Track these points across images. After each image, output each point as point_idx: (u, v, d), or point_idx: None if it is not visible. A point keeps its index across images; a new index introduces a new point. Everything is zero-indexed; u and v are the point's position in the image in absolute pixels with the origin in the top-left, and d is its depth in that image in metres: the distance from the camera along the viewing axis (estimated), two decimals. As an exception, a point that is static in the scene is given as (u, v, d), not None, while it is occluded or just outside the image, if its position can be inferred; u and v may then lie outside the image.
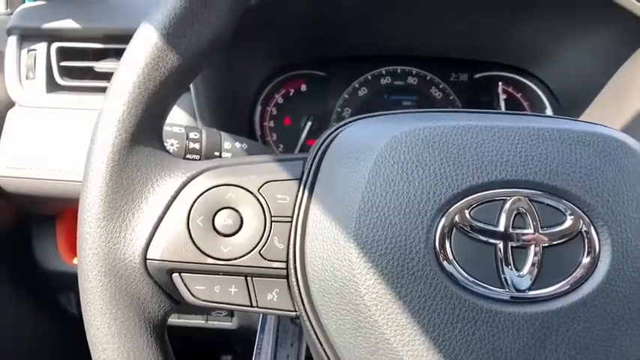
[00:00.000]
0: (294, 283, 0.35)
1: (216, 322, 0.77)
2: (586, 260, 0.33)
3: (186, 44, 0.36)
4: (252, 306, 0.36)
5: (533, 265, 0.32)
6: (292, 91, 0.82)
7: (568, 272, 0.33)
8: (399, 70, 0.83)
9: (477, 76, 0.82)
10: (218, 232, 0.36)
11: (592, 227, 0.33)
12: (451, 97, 0.83)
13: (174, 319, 0.76)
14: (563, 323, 0.32)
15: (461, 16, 0.68)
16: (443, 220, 0.33)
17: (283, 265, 0.36)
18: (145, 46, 0.36)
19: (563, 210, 0.33)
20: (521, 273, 0.32)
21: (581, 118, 0.72)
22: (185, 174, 0.37)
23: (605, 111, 0.67)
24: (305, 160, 0.38)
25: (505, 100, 0.81)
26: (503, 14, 0.66)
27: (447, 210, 0.33)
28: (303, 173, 0.37)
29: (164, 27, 0.36)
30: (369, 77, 0.83)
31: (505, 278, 0.32)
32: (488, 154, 0.33)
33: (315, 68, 0.82)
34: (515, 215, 0.33)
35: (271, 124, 0.83)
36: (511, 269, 0.32)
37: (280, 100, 0.82)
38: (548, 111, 0.79)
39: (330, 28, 0.71)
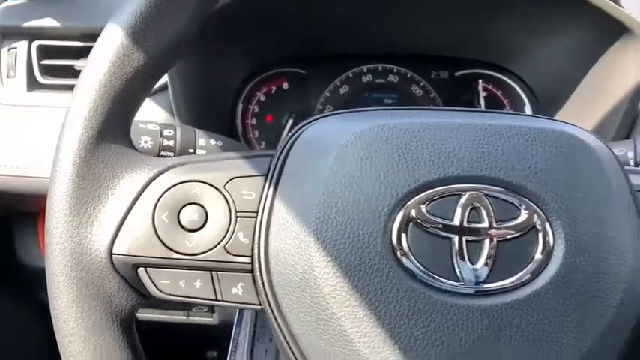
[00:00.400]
0: (259, 278, 0.36)
1: (197, 318, 0.78)
2: (540, 254, 0.33)
3: (152, 42, 0.37)
4: (216, 299, 0.37)
5: (487, 258, 0.33)
6: (274, 88, 0.83)
7: (522, 265, 0.33)
8: (380, 68, 0.83)
9: (458, 73, 0.83)
10: (183, 228, 0.37)
11: (546, 221, 0.33)
12: (432, 95, 0.83)
13: (155, 315, 0.77)
14: (517, 315, 0.33)
15: (440, 14, 0.69)
16: (400, 215, 0.33)
17: (248, 259, 0.37)
18: (111, 44, 0.37)
19: (517, 205, 0.34)
20: (475, 266, 0.33)
21: (558, 115, 0.73)
22: (152, 170, 0.37)
23: (580, 108, 0.68)
24: (272, 157, 0.38)
25: (485, 97, 0.82)
26: (480, 12, 0.67)
27: (404, 205, 0.33)
28: (269, 169, 0.38)
29: (129, 26, 0.36)
30: (351, 75, 0.83)
31: (460, 271, 0.33)
32: (444, 150, 0.34)
33: (296, 66, 0.82)
34: (471, 210, 0.33)
35: (253, 121, 0.83)
36: (466, 263, 0.33)
37: (262, 98, 0.83)
38: (527, 108, 0.80)
39: (310, 27, 0.72)
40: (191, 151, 0.52)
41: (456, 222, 0.33)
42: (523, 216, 0.33)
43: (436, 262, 0.33)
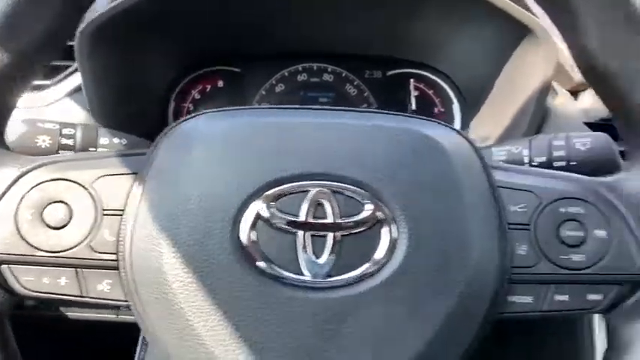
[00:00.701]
0: (123, 275, 0.37)
1: (127, 317, 0.78)
2: (384, 248, 0.35)
3: (18, 42, 0.37)
4: (82, 296, 0.38)
5: (331, 252, 0.34)
6: (209, 87, 0.84)
7: (366, 259, 0.35)
8: (315, 67, 0.84)
9: (390, 73, 0.84)
10: (47, 226, 0.37)
11: (390, 216, 0.35)
12: (365, 94, 0.84)
13: (84, 314, 0.77)
14: (360, 307, 0.34)
15: (355, 12, 0.70)
16: (248, 212, 0.34)
17: (114, 257, 0.37)
18: None
19: (362, 200, 0.35)
20: (319, 260, 0.34)
21: (480, 113, 0.75)
22: (19, 169, 0.38)
23: (497, 106, 0.70)
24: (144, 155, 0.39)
25: (418, 97, 0.83)
26: (395, 10, 0.68)
27: (252, 202, 0.34)
28: (140, 168, 0.38)
29: None
30: (286, 74, 0.84)
31: (304, 265, 0.34)
32: (295, 148, 0.35)
33: (230, 64, 0.83)
34: (317, 206, 0.35)
35: (188, 120, 0.84)
36: (310, 257, 0.34)
37: (197, 96, 0.83)
38: (456, 107, 0.81)
39: (228, 26, 0.73)
40: (92, 149, 0.53)
41: (302, 218, 0.34)
42: (367, 211, 0.35)
43: (282, 257, 0.34)
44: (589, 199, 0.38)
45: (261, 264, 0.34)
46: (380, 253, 0.35)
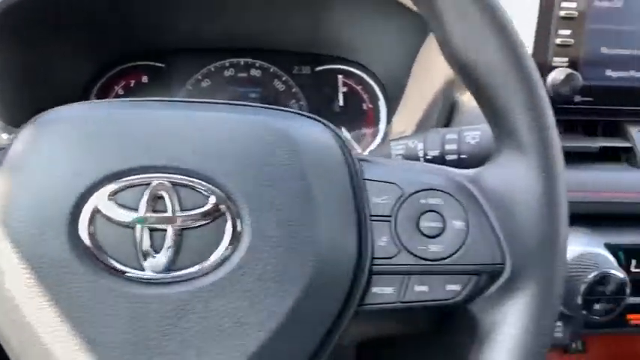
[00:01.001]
0: None
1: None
2: (227, 241, 0.34)
3: None
4: None
5: (170, 247, 0.33)
6: (133, 82, 0.82)
7: (208, 253, 0.34)
8: (242, 63, 0.83)
9: (318, 69, 0.83)
10: None
11: (234, 209, 0.34)
12: (294, 90, 0.84)
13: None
14: (200, 303, 0.33)
15: (268, 7, 0.69)
16: (86, 207, 0.33)
17: None
18: None
19: (205, 193, 0.34)
20: (159, 255, 0.33)
21: (400, 107, 0.75)
22: None
23: (412, 99, 0.69)
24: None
25: (347, 93, 0.83)
26: (306, 6, 0.67)
27: (91, 196, 0.33)
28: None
29: None
30: (212, 69, 0.83)
31: (143, 260, 0.33)
32: (135, 141, 0.34)
33: (153, 59, 0.82)
34: (157, 199, 0.34)
35: (112, 115, 0.82)
36: (149, 252, 0.33)
37: (121, 92, 0.82)
38: (381, 102, 0.81)
39: (142, 21, 0.72)
40: None
41: (141, 211, 0.33)
42: (210, 204, 0.34)
43: (121, 253, 0.33)
44: (449, 190, 0.37)
45: (99, 259, 0.33)
46: (222, 246, 0.34)
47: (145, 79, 0.82)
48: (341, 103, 0.83)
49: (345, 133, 0.82)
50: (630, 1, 0.60)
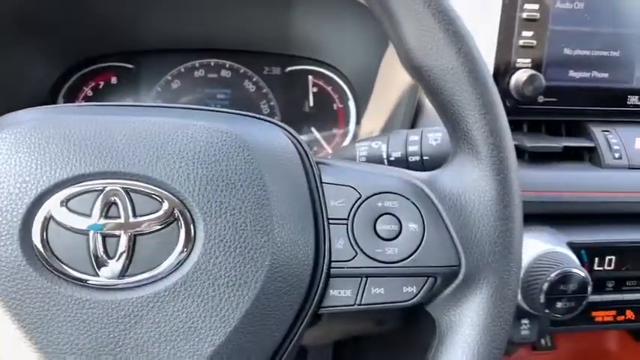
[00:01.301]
0: None
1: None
2: (181, 246, 0.34)
3: None
4: None
5: (125, 253, 0.33)
6: (102, 83, 0.81)
7: (163, 258, 0.33)
8: (212, 63, 0.83)
9: (289, 69, 0.83)
10: None
11: (188, 215, 0.34)
12: (264, 91, 0.83)
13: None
14: (154, 308, 0.33)
15: (232, 7, 0.69)
16: (39, 214, 0.33)
17: None
18: None
19: (158, 198, 0.34)
20: (112, 261, 0.33)
21: (368, 108, 0.75)
22: None
23: (379, 100, 0.70)
24: None
25: (317, 93, 0.83)
26: (274, 7, 0.67)
27: (42, 203, 0.33)
28: None
29: None
30: (182, 70, 0.82)
31: (97, 267, 0.33)
32: (83, 146, 0.34)
33: (123, 60, 0.81)
34: (110, 205, 0.33)
35: (81, 117, 0.81)
36: (103, 258, 0.33)
37: (90, 93, 0.81)
38: (351, 102, 0.81)
39: (105, 22, 0.71)
40: None
41: (94, 218, 0.33)
42: (163, 209, 0.33)
43: (75, 259, 0.33)
44: (405, 193, 0.38)
45: (53, 266, 0.33)
46: (176, 252, 0.33)
47: (114, 80, 0.82)
48: (311, 103, 0.83)
49: (315, 133, 0.82)
50: (591, 2, 0.61)
